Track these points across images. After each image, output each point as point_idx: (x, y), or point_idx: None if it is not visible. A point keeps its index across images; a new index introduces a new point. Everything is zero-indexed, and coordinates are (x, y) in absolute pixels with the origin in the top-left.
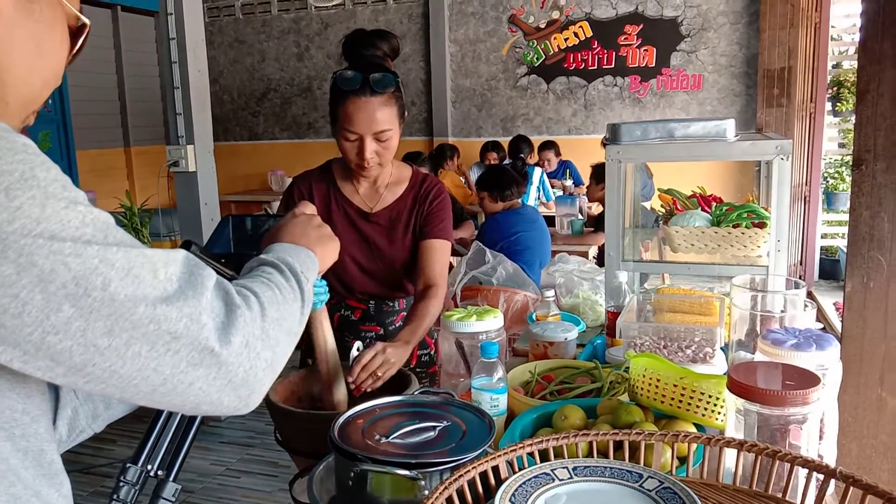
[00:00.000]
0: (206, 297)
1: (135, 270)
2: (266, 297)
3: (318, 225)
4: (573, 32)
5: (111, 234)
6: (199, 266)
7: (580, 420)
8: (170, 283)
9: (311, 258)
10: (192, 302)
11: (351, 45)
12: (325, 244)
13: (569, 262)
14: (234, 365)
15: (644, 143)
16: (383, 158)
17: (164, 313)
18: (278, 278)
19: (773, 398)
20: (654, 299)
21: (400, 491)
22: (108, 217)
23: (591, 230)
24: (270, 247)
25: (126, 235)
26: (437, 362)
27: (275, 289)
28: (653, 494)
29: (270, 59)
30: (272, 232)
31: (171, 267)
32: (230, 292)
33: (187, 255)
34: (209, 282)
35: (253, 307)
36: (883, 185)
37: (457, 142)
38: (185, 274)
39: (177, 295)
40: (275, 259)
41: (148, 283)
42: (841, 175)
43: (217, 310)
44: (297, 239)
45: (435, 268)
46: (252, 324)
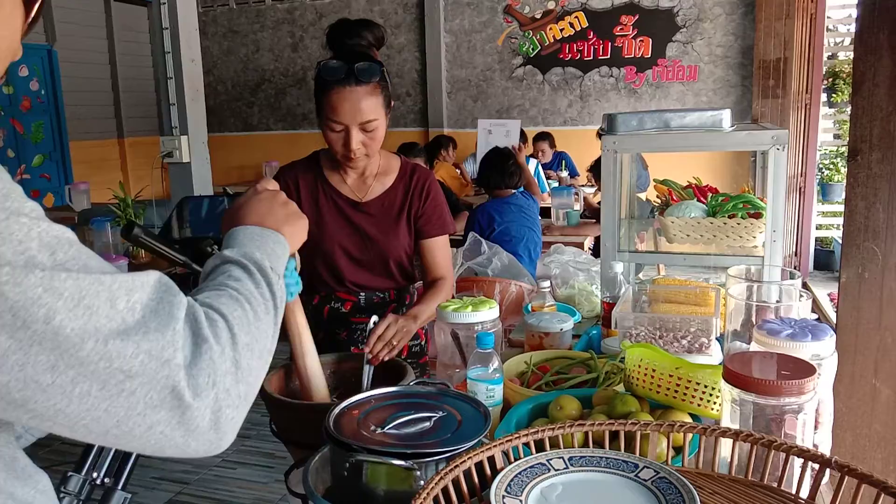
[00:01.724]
0: (174, 330)
1: (87, 300)
2: (236, 320)
3: (283, 202)
4: (569, 23)
5: (62, 253)
6: (170, 292)
7: (576, 410)
8: (131, 313)
9: (280, 243)
10: (153, 336)
11: (335, 35)
12: (293, 223)
13: (564, 252)
14: (200, 408)
15: (640, 133)
16: (370, 149)
17: (118, 349)
18: (247, 286)
19: (768, 388)
20: (649, 290)
21: (395, 481)
22: (61, 231)
23: (591, 221)
24: (233, 233)
25: (83, 255)
26: (427, 353)
27: (244, 304)
28: (648, 484)
29: (265, 49)
30: (234, 210)
31: (135, 294)
32: (199, 322)
33: (160, 278)
34: (179, 311)
35: (222, 337)
36: (878, 176)
37: (452, 133)
38: (153, 301)
39: (137, 327)
40: (240, 257)
41: (102, 315)
42: (836, 166)
43: (184, 344)
44: (263, 219)
45: (440, 262)
46: (221, 359)
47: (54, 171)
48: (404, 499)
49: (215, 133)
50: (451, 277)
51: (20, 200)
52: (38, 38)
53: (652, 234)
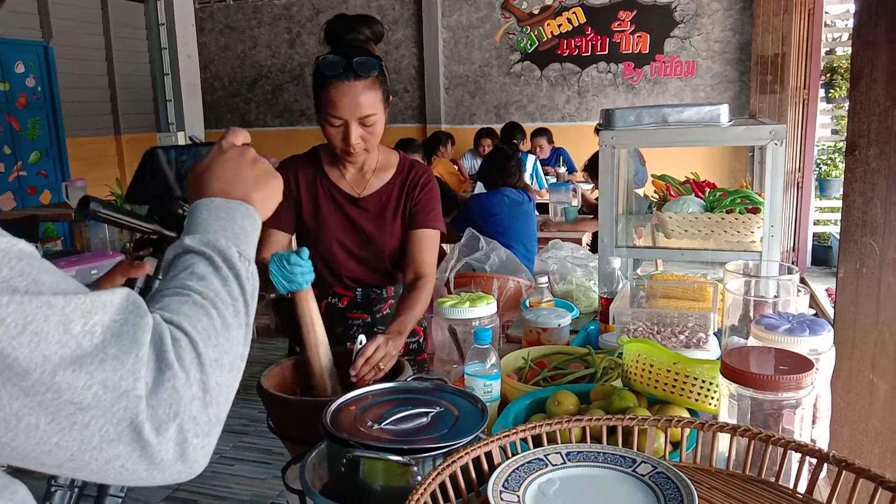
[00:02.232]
0: (136, 357)
1: (34, 326)
2: (200, 335)
3: (252, 160)
4: (566, 18)
5: (6, 269)
6: (137, 313)
7: (573, 406)
8: (88, 337)
9: (249, 217)
10: (111, 364)
11: (333, 31)
12: (263, 186)
13: (562, 248)
14: (162, 442)
15: (638, 128)
16: (369, 143)
17: (68, 380)
18: (213, 286)
19: (766, 383)
20: (647, 285)
21: (393, 477)
22: (8, 244)
23: (589, 217)
24: (196, 209)
25: (34, 270)
26: (425, 350)
27: (210, 311)
28: (646, 479)
29: (262, 45)
30: (198, 174)
31: (94, 316)
32: (165, 346)
33: (127, 297)
34: (144, 334)
35: (185, 359)
36: (876, 171)
37: (450, 129)
38: (116, 324)
39: (93, 354)
40: (203, 247)
41: (53, 341)
42: (834, 161)
43: (146, 372)
44: (230, 186)
45: (425, 258)
46: (186, 386)
47: (51, 168)
48: (402, 494)
49: (212, 129)
50: (432, 277)
51: None
52: (34, 34)
53: (650, 229)
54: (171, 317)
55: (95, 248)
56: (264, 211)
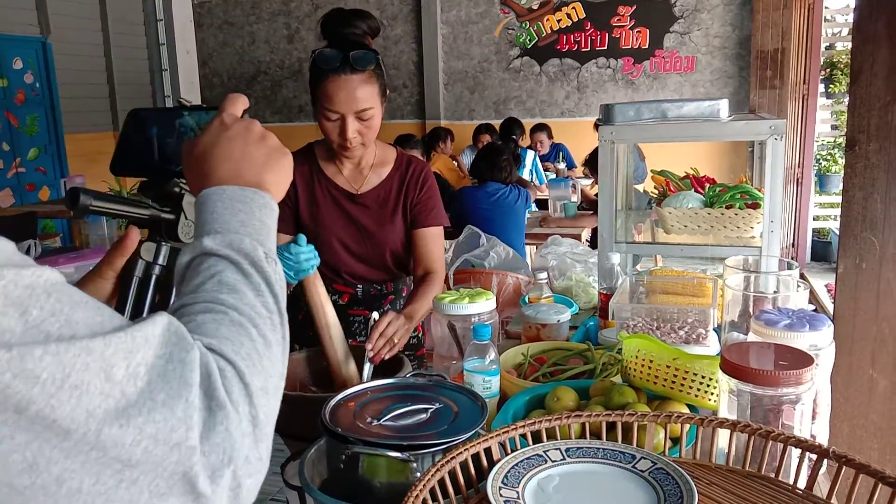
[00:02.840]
0: (186, 402)
1: (73, 378)
2: (244, 362)
3: (259, 136)
4: (566, 14)
5: (37, 311)
6: (182, 346)
7: (573, 402)
8: (132, 381)
9: (267, 208)
10: (161, 413)
11: (329, 25)
12: (274, 165)
13: (561, 244)
14: (217, 490)
15: (638, 123)
16: (366, 138)
17: (114, 437)
18: (247, 298)
19: (766, 378)
20: (646, 281)
21: (392, 473)
22: (34, 276)
23: (588, 213)
24: (207, 200)
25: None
26: (424, 345)
27: (250, 330)
28: (646, 475)
29: (260, 41)
30: (199, 154)
31: (137, 355)
32: (214, 383)
33: (168, 326)
34: (193, 372)
35: (234, 392)
36: (876, 166)
37: (449, 124)
38: (161, 360)
39: (140, 404)
40: (228, 250)
41: (95, 393)
42: (833, 157)
43: (198, 418)
44: (240, 168)
45: (433, 255)
46: (237, 426)
47: (49, 165)
48: (401, 491)
49: None
50: (442, 272)
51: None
52: (32, 30)
53: (649, 224)
54: (212, 342)
55: (94, 245)
56: (278, 195)
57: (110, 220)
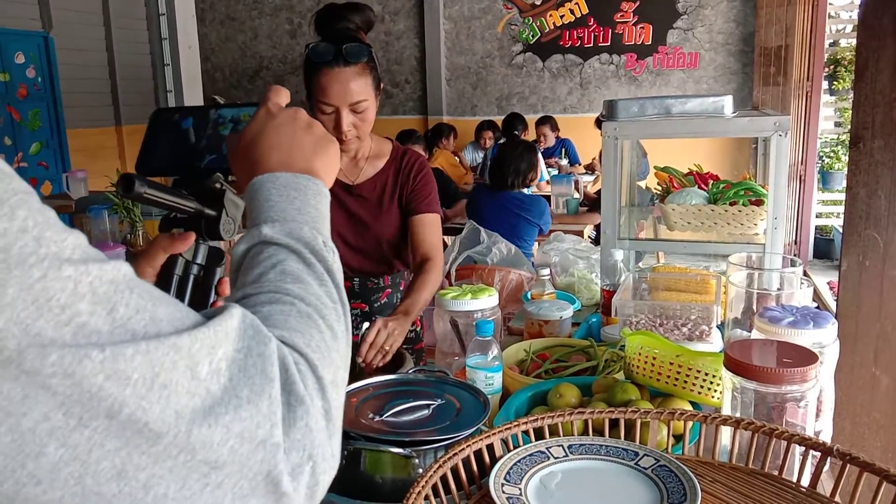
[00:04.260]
0: (269, 398)
1: (162, 377)
2: (316, 354)
3: (307, 124)
4: (569, 9)
5: (123, 307)
6: (258, 338)
7: (575, 398)
8: (215, 377)
9: (321, 195)
10: (247, 410)
11: (323, 19)
12: (324, 152)
13: (564, 240)
14: (298, 489)
15: (641, 119)
16: (361, 131)
17: (203, 438)
18: (312, 289)
19: (769, 376)
20: (649, 277)
21: (394, 469)
22: (115, 270)
23: (585, 209)
24: (260, 188)
25: (148, 299)
26: (423, 339)
27: (318, 322)
28: (649, 472)
29: (263, 36)
30: (247, 145)
31: (220, 350)
32: (292, 376)
33: (243, 318)
34: (273, 366)
35: (309, 386)
36: (880, 163)
37: (451, 120)
38: (240, 355)
39: (226, 400)
40: (289, 239)
41: (183, 391)
42: (837, 154)
43: (279, 413)
44: (291, 156)
45: (429, 241)
46: (315, 420)
47: (52, 159)
48: (403, 487)
49: None
50: (440, 259)
51: (58, 238)
52: (34, 24)
53: (652, 222)
54: (283, 335)
55: (96, 240)
56: (328, 182)
57: (113, 214)
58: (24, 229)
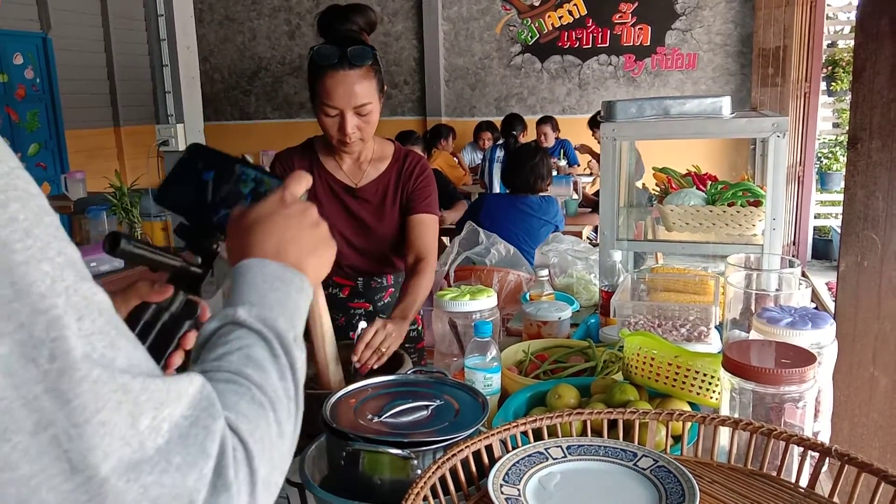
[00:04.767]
0: (199, 473)
1: (103, 415)
2: (257, 445)
3: (313, 223)
4: (567, 10)
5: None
6: (210, 412)
7: (574, 399)
8: (153, 435)
9: (303, 292)
10: (172, 477)
11: (326, 21)
12: (320, 252)
13: (563, 241)
14: None
15: (639, 120)
16: (365, 133)
17: (118, 491)
18: (271, 380)
19: (768, 377)
20: (648, 278)
21: (392, 470)
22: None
23: (589, 210)
24: (248, 270)
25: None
26: (424, 338)
27: (268, 414)
28: (647, 473)
29: (261, 37)
30: (248, 224)
31: (166, 409)
32: (226, 459)
33: (202, 388)
34: (213, 443)
35: (240, 477)
36: (878, 164)
37: (450, 121)
38: (186, 422)
39: (154, 461)
40: (261, 325)
41: (117, 435)
42: (835, 155)
43: (203, 493)
44: (287, 247)
45: (424, 241)
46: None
47: (50, 160)
48: (402, 488)
49: (212, 122)
50: (433, 260)
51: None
52: (32, 25)
53: (650, 223)
54: (230, 416)
55: (95, 241)
56: (315, 282)
57: (111, 215)
58: (15, 219)
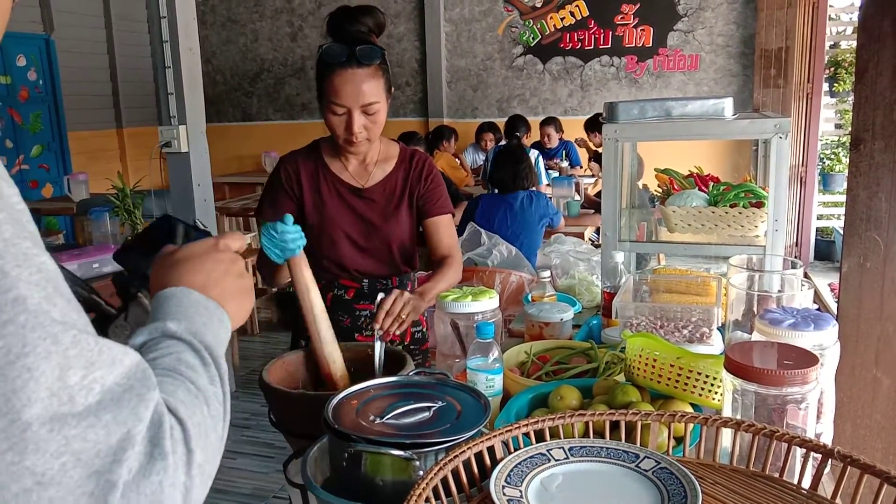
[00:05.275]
0: (128, 435)
1: (29, 359)
2: (196, 429)
3: (239, 273)
4: (569, 11)
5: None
6: (145, 383)
7: (576, 400)
8: (84, 393)
9: (224, 325)
10: (97, 433)
11: (336, 21)
12: (241, 300)
13: (565, 242)
14: None
15: (641, 121)
16: (371, 133)
17: (39, 439)
18: (202, 381)
19: (770, 378)
20: (650, 279)
21: (395, 471)
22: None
23: (591, 212)
24: (173, 295)
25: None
26: (429, 340)
27: (203, 406)
28: (649, 475)
29: (263, 38)
30: (177, 260)
31: (97, 371)
32: (162, 430)
33: (139, 364)
34: (146, 411)
35: (178, 454)
36: (881, 165)
37: (452, 123)
38: (119, 388)
39: (81, 416)
40: (191, 336)
41: (44, 384)
42: (837, 156)
43: (134, 458)
44: (212, 285)
45: (447, 241)
46: (171, 487)
47: (53, 162)
48: (404, 489)
49: (214, 123)
50: (459, 256)
51: None
52: (35, 27)
53: (653, 224)
54: (170, 400)
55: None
56: (232, 326)
57: (114, 216)
58: None
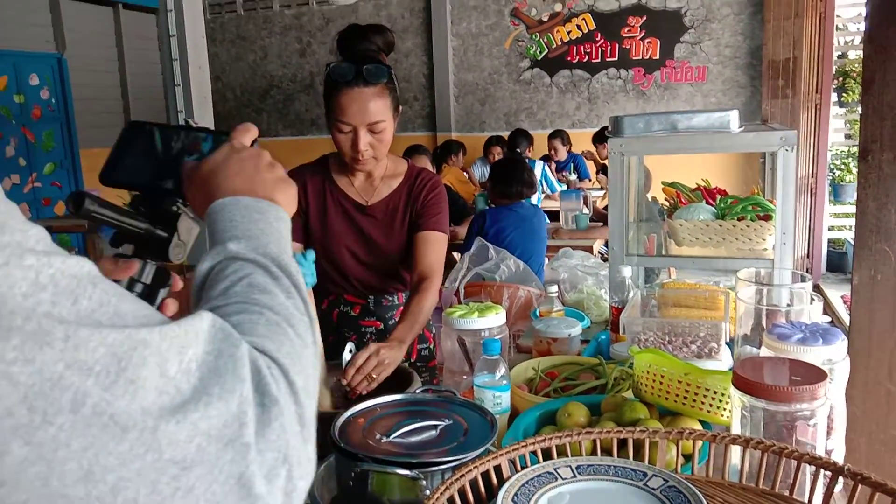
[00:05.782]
0: (241, 397)
1: (130, 372)
2: (287, 359)
3: (270, 163)
4: (576, 25)
5: (86, 301)
6: (229, 340)
7: (584, 417)
8: (186, 377)
9: (282, 220)
10: (216, 408)
11: (345, 40)
12: (283, 190)
13: (573, 256)
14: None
15: (647, 135)
16: (378, 151)
17: (171, 434)
18: (279, 300)
19: (779, 394)
20: (658, 294)
21: (401, 491)
22: (78, 266)
23: (599, 225)
24: (224, 208)
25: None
26: (436, 356)
27: (288, 331)
28: (658, 493)
29: (273, 55)
30: (209, 173)
31: (189, 350)
32: (264, 377)
33: (213, 321)
34: (243, 367)
35: (283, 391)
36: (890, 176)
37: (460, 137)
38: (210, 356)
39: (194, 399)
40: (256, 255)
41: (151, 387)
42: (847, 166)
43: (251, 413)
44: (253, 184)
45: (429, 259)
46: (290, 422)
47: (65, 179)
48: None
49: None
50: (438, 279)
51: (22, 228)
52: (48, 46)
53: (661, 237)
54: (255, 341)
55: None
56: (288, 214)
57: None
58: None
